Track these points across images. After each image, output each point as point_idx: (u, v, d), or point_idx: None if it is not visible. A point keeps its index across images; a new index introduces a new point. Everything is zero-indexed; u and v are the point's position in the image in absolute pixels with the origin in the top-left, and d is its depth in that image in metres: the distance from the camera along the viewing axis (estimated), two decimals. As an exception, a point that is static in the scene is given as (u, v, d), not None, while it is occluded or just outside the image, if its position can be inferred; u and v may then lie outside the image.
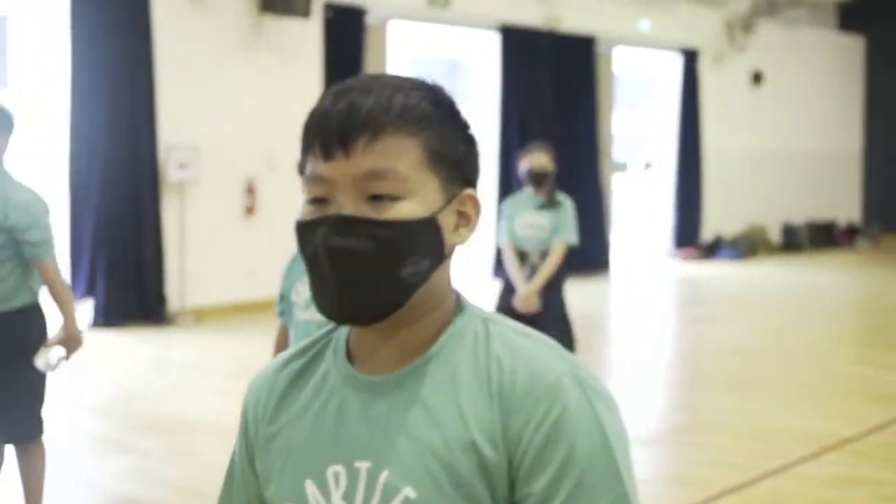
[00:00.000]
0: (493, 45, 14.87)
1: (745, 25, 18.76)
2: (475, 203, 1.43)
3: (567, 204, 6.59)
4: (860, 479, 6.03)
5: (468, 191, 1.42)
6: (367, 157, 1.33)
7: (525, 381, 1.32)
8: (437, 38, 14.84)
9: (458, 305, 1.44)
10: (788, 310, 13.09)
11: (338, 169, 1.34)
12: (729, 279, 16.10)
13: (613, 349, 10.84)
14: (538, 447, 1.29)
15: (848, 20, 22.02)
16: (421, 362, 1.38)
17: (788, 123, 20.29)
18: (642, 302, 13.98)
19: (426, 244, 1.36)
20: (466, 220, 1.42)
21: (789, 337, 10.99)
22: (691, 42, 17.97)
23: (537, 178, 6.55)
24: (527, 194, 6.65)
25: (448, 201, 1.39)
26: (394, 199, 1.34)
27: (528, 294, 6.37)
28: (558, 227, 6.56)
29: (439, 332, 1.40)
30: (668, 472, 6.33)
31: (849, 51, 22.00)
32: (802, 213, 20.67)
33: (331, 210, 1.34)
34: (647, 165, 18.41)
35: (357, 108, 1.34)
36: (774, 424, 7.21)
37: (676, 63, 17.92)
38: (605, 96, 16.47)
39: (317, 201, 1.36)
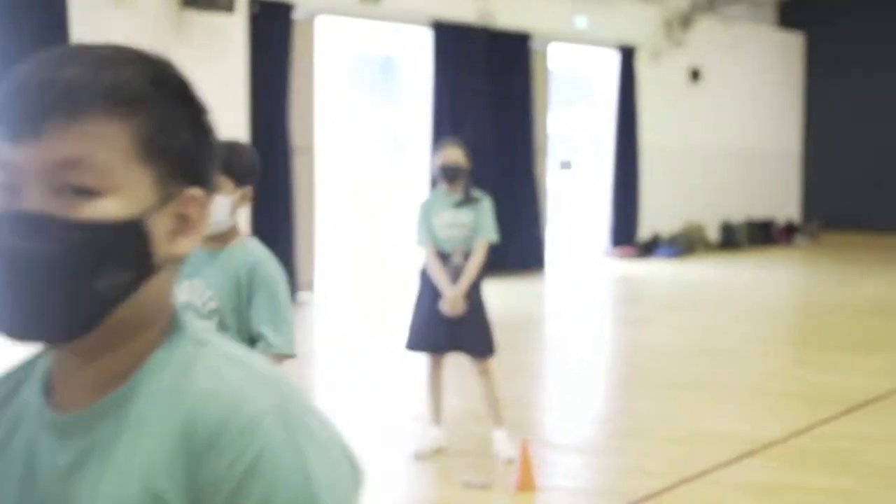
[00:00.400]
0: (425, 42, 14.59)
1: (684, 21, 18.65)
2: (200, 206, 1.18)
3: (485, 201, 6.38)
4: (783, 485, 5.85)
5: (192, 190, 1.17)
6: (62, 143, 1.10)
7: (218, 418, 1.09)
8: (367, 35, 14.58)
9: (172, 327, 1.19)
10: (725, 309, 12.96)
11: (26, 154, 1.10)
12: (666, 278, 15.98)
13: (548, 351, 10.66)
14: (227, 495, 1.07)
15: (787, 17, 22.04)
16: (116, 396, 1.14)
17: (727, 121, 20.23)
18: (578, 302, 13.80)
19: (128, 252, 1.12)
20: (188, 225, 1.17)
21: (724, 337, 10.85)
22: (628, 38, 17.82)
23: (451, 174, 6.31)
24: (441, 192, 6.40)
25: (163, 202, 1.14)
26: (92, 194, 1.10)
27: (455, 297, 6.16)
28: (478, 225, 6.35)
29: (145, 358, 1.16)
30: (584, 482, 6.11)
31: (788, 48, 21.99)
32: (741, 210, 20.62)
33: (15, 204, 1.10)
34: (564, 164, 17.97)
35: (54, 82, 1.10)
36: (697, 428, 7.00)
37: (613, 60, 17.77)
38: (540, 94, 16.26)
39: (6, 192, 1.12)
